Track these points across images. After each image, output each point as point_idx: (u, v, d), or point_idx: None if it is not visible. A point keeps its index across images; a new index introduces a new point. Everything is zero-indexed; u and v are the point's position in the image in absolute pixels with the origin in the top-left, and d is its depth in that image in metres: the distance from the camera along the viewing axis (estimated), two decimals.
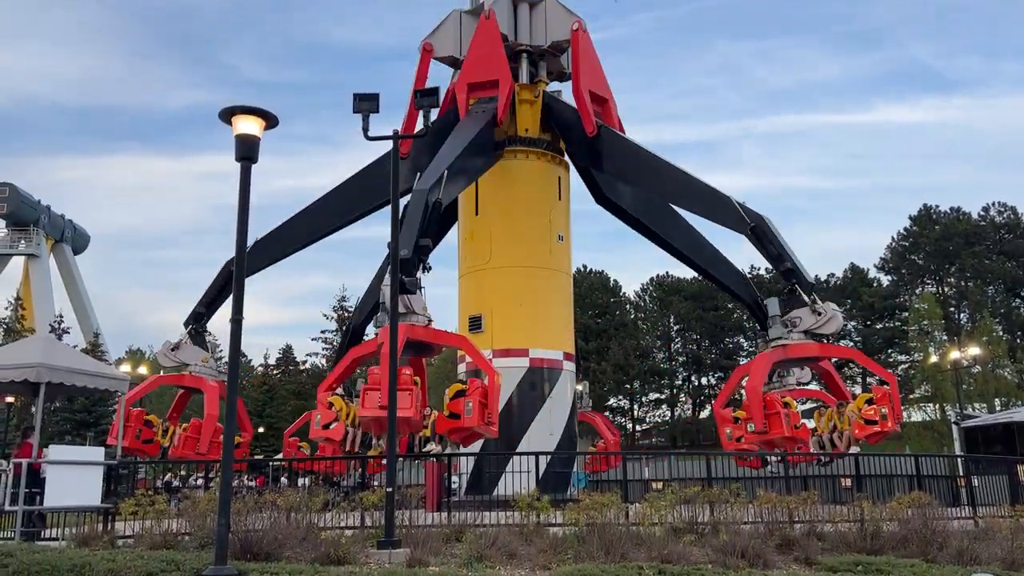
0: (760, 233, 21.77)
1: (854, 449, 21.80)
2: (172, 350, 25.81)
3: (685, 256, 27.96)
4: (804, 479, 21.74)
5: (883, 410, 20.83)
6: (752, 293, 27.72)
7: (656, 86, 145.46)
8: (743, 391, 23.67)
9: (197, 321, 26.35)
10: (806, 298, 21.97)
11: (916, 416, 52.73)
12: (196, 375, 25.68)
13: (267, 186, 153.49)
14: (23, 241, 64.01)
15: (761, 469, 23.20)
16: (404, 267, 18.83)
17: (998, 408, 47.57)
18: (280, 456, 31.55)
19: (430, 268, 20.71)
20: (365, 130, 13.86)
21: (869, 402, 21.99)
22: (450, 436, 20.38)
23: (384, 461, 14.61)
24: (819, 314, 21.56)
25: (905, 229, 74.83)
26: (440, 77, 26.57)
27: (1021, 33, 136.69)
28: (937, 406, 52.75)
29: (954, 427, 34.68)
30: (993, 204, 73.24)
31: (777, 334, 22.34)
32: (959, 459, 25.21)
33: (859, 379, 66.19)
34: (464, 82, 24.28)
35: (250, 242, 22.83)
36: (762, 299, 25.40)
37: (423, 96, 14.72)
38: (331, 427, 19.80)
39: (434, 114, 19.90)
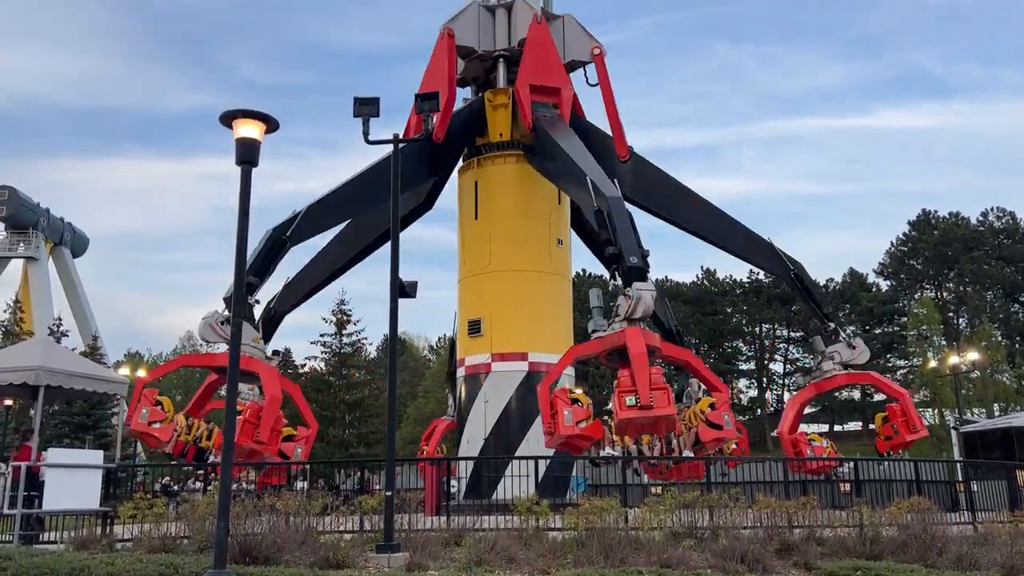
0: (799, 279, 23.94)
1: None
2: (221, 323, 21.35)
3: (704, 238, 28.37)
4: (803, 484, 21.75)
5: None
6: (789, 266, 27.65)
7: (656, 90, 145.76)
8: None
9: (249, 292, 21.87)
10: (843, 336, 24.31)
11: None
12: (250, 356, 21.36)
13: (267, 188, 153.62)
14: (22, 244, 63.97)
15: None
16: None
17: (997, 413, 47.60)
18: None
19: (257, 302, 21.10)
20: (366, 134, 13.90)
21: (884, 420, 23.82)
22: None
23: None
24: (854, 348, 23.76)
25: (904, 234, 74.95)
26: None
27: (1020, 39, 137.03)
28: (936, 411, 52.78)
29: (953, 432, 34.67)
30: (992, 209, 73.40)
31: (829, 367, 23.78)
32: (958, 464, 25.22)
33: (869, 391, 66.06)
34: (527, 82, 24.01)
35: (249, 251, 22.98)
36: (799, 271, 24.72)
37: (423, 100, 14.76)
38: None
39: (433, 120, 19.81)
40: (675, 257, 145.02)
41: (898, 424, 23.00)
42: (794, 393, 24.63)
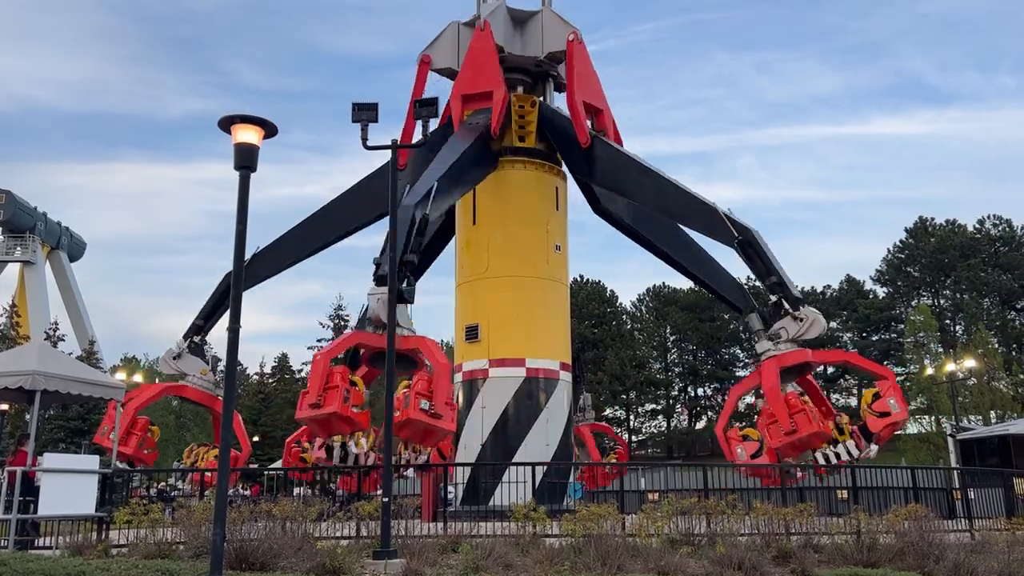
0: (747, 246, 21.47)
1: (873, 448, 21.80)
2: (173, 358, 26.09)
3: (681, 266, 28.14)
4: (800, 491, 21.73)
5: (891, 400, 21.22)
6: (749, 303, 27.76)
7: (655, 97, 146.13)
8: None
9: (196, 333, 26.46)
10: (788, 307, 21.50)
11: (912, 428, 52.77)
12: (197, 388, 25.99)
13: (265, 194, 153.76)
14: (19, 248, 63.90)
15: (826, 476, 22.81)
16: (383, 281, 19.51)
17: (994, 420, 47.64)
18: (278, 464, 31.53)
19: (413, 284, 20.97)
20: (364, 140, 13.90)
21: (876, 396, 21.88)
22: (400, 435, 20.01)
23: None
24: (800, 320, 21.26)
25: (901, 241, 75.12)
26: (438, 88, 26.57)
27: (1017, 47, 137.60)
28: (933, 418, 52.83)
29: (950, 439, 34.69)
30: (988, 217, 73.61)
31: (764, 347, 22.07)
32: (955, 471, 25.23)
33: (855, 391, 66.20)
34: (459, 93, 24.35)
35: (249, 253, 23.31)
36: (760, 309, 25.15)
37: (422, 106, 14.78)
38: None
39: (433, 125, 19.90)
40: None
41: (896, 400, 21.44)
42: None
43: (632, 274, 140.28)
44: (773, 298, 22.03)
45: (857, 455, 21.61)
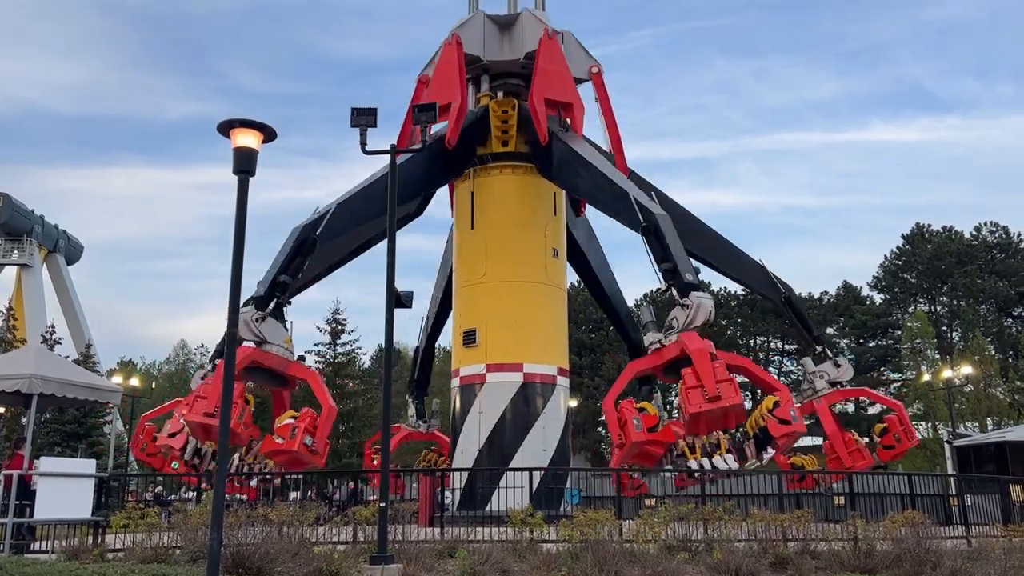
0: (651, 232, 20.91)
1: (768, 454, 22.08)
2: (257, 320, 21.59)
3: (605, 297, 30.37)
4: (798, 497, 21.73)
5: (792, 412, 20.61)
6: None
7: (654, 103, 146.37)
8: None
9: (281, 291, 21.93)
10: (675, 295, 20.57)
11: None
12: (281, 356, 22.05)
13: (264, 197, 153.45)
14: (16, 251, 63.81)
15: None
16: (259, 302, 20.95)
17: (990, 427, 47.68)
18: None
19: (285, 303, 22.05)
20: (363, 144, 13.94)
21: (776, 404, 20.81)
22: (274, 458, 21.47)
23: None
24: (686, 307, 20.10)
25: (898, 248, 75.21)
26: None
27: (1015, 55, 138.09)
28: (929, 424, 52.87)
29: (946, 446, 34.72)
30: (985, 224, 73.70)
31: (651, 339, 21.14)
32: (952, 478, 25.25)
33: (861, 401, 66.15)
34: (541, 96, 23.92)
35: (247, 255, 23.22)
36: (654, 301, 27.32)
37: (420, 111, 14.81)
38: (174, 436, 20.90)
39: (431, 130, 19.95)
40: None
41: (899, 433, 24.79)
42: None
43: (629, 280, 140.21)
44: (819, 348, 24.69)
45: (737, 463, 21.05)
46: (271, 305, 21.89)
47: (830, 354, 26.13)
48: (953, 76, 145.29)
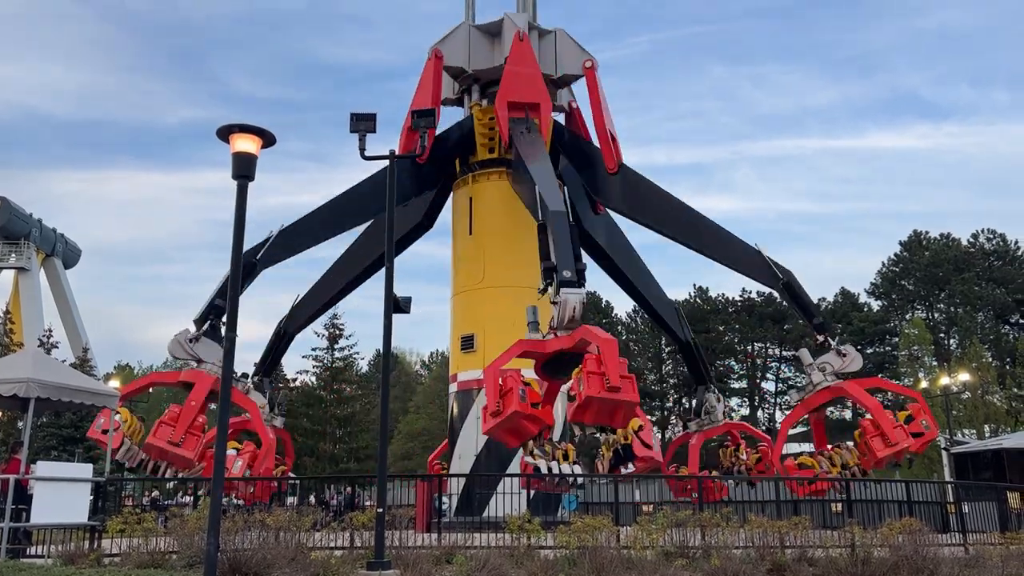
0: (791, 289, 23.68)
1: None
2: (190, 340, 22.83)
3: (638, 293, 29.12)
4: (795, 503, 21.71)
5: (924, 421, 21.83)
6: (687, 333, 28.91)
7: (650, 109, 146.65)
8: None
9: (217, 314, 23.35)
10: (832, 344, 23.63)
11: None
12: (211, 374, 22.57)
13: (261, 202, 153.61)
14: (13, 255, 63.73)
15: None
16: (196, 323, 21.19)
17: (987, 434, 47.72)
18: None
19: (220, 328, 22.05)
20: (362, 150, 13.96)
21: (908, 419, 22.36)
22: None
23: None
24: (844, 356, 23.39)
25: (895, 255, 75.32)
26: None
27: (1011, 62, 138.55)
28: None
29: (944, 453, 34.73)
30: (982, 231, 73.82)
31: (819, 379, 23.20)
32: (949, 485, 25.26)
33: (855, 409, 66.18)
34: (504, 100, 23.99)
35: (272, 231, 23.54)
36: (694, 340, 27.16)
37: (420, 116, 14.85)
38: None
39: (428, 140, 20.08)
40: (666, 274, 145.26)
41: (870, 441, 21.77)
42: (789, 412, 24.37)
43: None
44: (820, 337, 23.93)
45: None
46: (205, 326, 23.24)
47: (832, 343, 23.86)
48: (949, 84, 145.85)
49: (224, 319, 22.22)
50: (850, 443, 24.04)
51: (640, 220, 25.26)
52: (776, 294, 26.84)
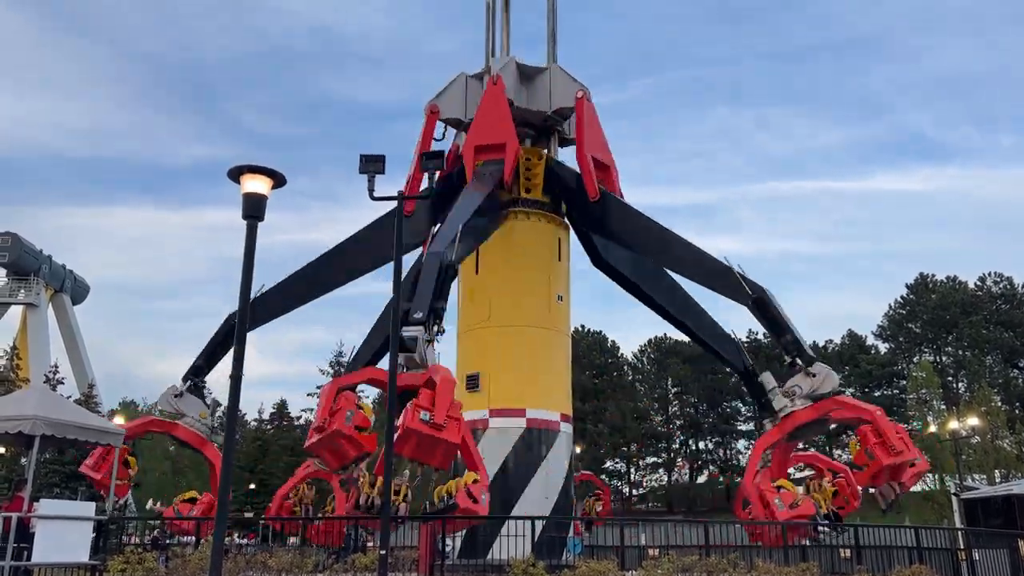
0: (761, 305, 21.97)
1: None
2: (175, 396, 25.28)
3: (680, 322, 28.06)
4: (803, 549, 21.41)
5: (867, 449, 20.05)
6: (745, 361, 27.77)
7: (655, 150, 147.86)
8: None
9: (197, 375, 25.60)
10: (801, 364, 21.90)
11: (915, 487, 52.21)
12: (189, 429, 25.08)
13: (269, 239, 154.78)
14: (22, 291, 64.03)
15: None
16: (410, 325, 19.00)
17: (998, 480, 47.12)
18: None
19: (443, 331, 20.80)
20: (371, 191, 14.11)
21: (858, 445, 21.08)
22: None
23: None
24: (814, 375, 21.63)
25: (902, 297, 75.23)
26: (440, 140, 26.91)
27: (1014, 106, 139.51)
28: (936, 476, 52.25)
29: (954, 499, 34.26)
30: (989, 274, 73.79)
31: (781, 404, 21.95)
32: (959, 532, 24.90)
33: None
34: (471, 144, 24.54)
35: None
36: (754, 368, 25.70)
37: (428, 159, 15.03)
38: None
39: (437, 175, 20.22)
40: None
41: (872, 447, 19.88)
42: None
43: (634, 325, 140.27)
44: (788, 357, 22.52)
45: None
46: (187, 384, 25.00)
47: (800, 362, 21.73)
48: (953, 126, 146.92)
49: (203, 379, 25.51)
50: (825, 482, 23.42)
51: (616, 241, 25.65)
52: None
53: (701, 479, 77.95)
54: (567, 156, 27.05)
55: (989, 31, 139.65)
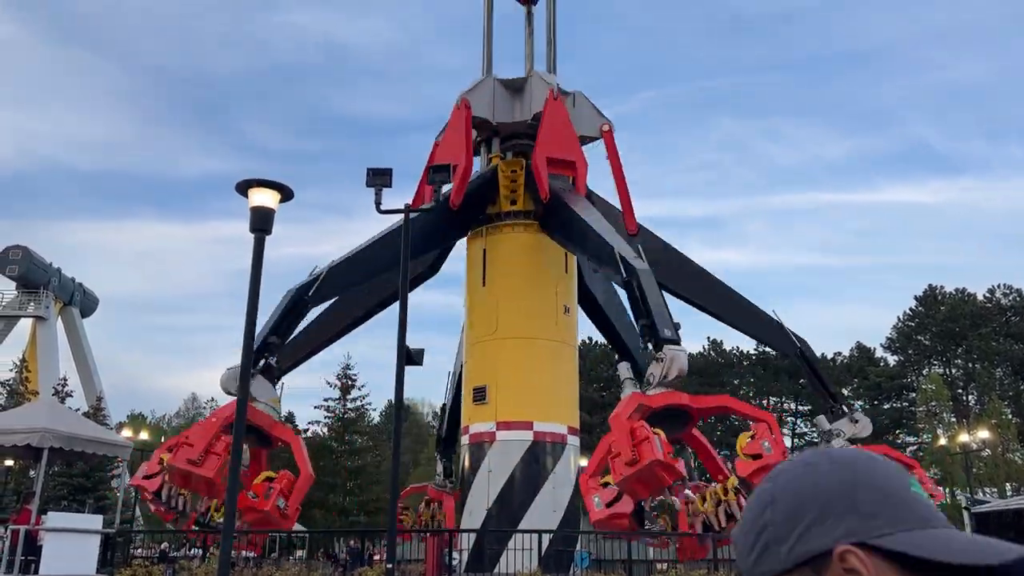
0: (633, 287, 20.82)
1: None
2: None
3: (627, 350, 28.20)
4: None
5: (765, 443, 18.94)
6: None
7: (662, 162, 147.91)
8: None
9: (270, 351, 22.25)
10: (651, 348, 20.46)
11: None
12: (262, 411, 21.75)
13: (277, 252, 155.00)
14: (32, 304, 64.29)
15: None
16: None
17: (1009, 493, 46.75)
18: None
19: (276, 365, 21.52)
20: (378, 204, 14.21)
21: (752, 439, 19.87)
22: (244, 515, 19.53)
23: None
24: (856, 423, 23.18)
25: (911, 309, 74.87)
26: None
27: (1023, 118, 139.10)
28: (947, 490, 51.88)
29: (965, 512, 34.01)
30: (999, 286, 73.38)
31: (627, 393, 20.67)
32: None
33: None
34: (543, 156, 24.26)
35: (260, 308, 23.42)
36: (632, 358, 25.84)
37: (436, 172, 15.11)
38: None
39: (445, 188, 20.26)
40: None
41: (770, 442, 18.92)
42: None
43: None
44: (836, 405, 23.47)
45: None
46: (260, 364, 22.07)
47: (846, 410, 24.47)
48: (963, 138, 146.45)
49: (275, 357, 22.59)
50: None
51: (659, 283, 25.13)
52: None
53: None
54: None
55: (998, 41, 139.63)
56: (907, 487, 1.14)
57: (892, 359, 74.48)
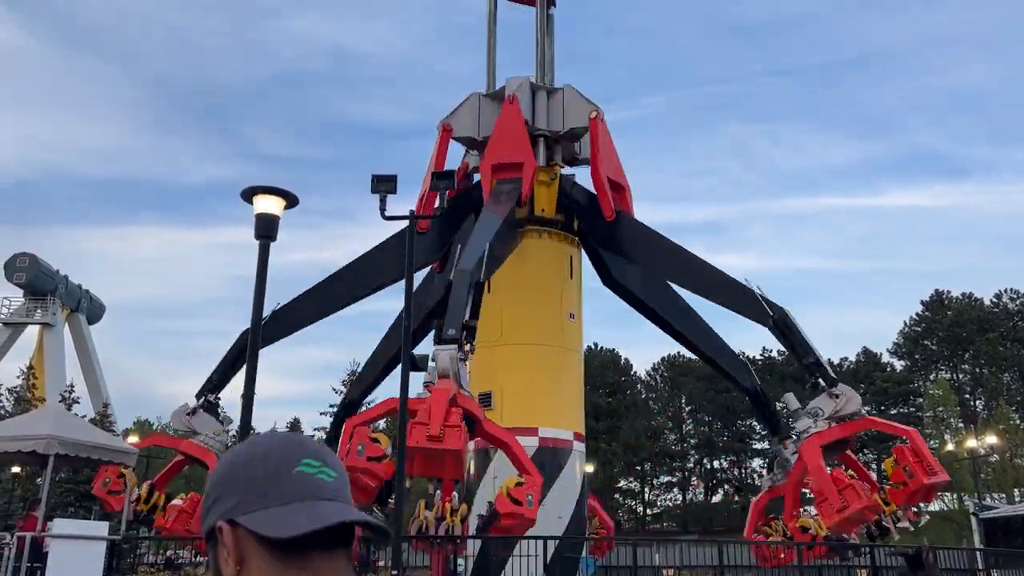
0: (783, 326, 22.01)
1: (903, 524, 20.99)
2: (188, 414, 25.18)
3: (690, 342, 28.23)
4: (819, 569, 21.18)
5: (906, 468, 19.90)
6: (755, 382, 27.91)
7: (666, 167, 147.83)
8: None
9: (211, 391, 25.58)
10: (824, 384, 21.70)
11: (934, 506, 51.61)
12: (199, 444, 24.39)
13: (282, 259, 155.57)
14: (39, 311, 64.49)
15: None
16: (444, 343, 19.26)
17: (1017, 499, 46.51)
18: None
19: (473, 349, 20.74)
20: (382, 210, 14.23)
21: (895, 463, 20.78)
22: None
23: None
24: (837, 396, 21.55)
25: (917, 314, 74.65)
26: (452, 155, 27.13)
27: None
28: (955, 495, 51.65)
29: (973, 518, 33.84)
30: (1006, 291, 73.12)
31: (805, 425, 21.49)
32: (979, 552, 24.57)
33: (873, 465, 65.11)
34: (489, 163, 24.54)
35: (265, 313, 23.70)
36: (762, 388, 25.86)
37: (439, 179, 15.15)
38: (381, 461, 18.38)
39: (448, 194, 20.36)
40: None
41: (911, 466, 19.80)
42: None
43: (647, 343, 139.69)
44: (811, 379, 22.33)
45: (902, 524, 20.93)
46: (201, 401, 25.10)
47: (823, 383, 21.62)
48: (966, 141, 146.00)
49: (218, 396, 25.58)
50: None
51: (632, 261, 25.77)
52: None
53: (716, 498, 77.29)
54: (581, 176, 27.18)
55: (1001, 45, 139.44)
56: (292, 467, 1.29)
57: (899, 364, 74.27)
